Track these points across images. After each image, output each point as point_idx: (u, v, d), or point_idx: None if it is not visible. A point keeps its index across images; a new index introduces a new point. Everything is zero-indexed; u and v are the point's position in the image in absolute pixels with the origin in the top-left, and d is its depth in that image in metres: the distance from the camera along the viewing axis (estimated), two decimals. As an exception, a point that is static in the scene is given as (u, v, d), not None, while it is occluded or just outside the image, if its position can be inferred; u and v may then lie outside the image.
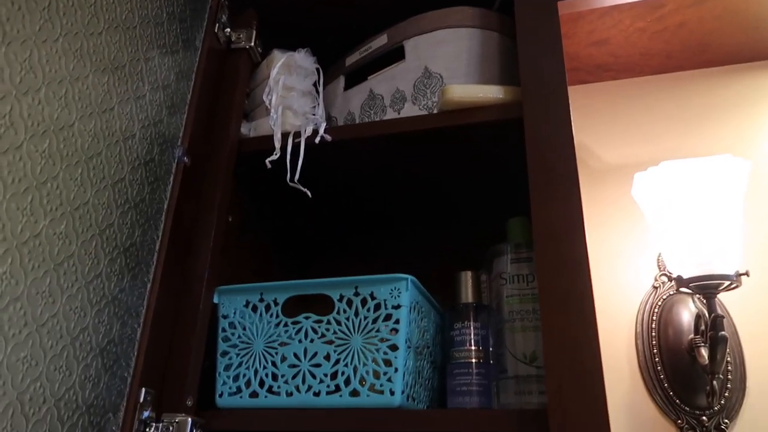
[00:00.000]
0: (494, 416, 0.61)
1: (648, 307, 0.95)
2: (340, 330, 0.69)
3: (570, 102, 0.69)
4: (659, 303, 0.94)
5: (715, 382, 0.81)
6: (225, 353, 0.73)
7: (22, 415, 0.46)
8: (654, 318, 0.93)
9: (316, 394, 0.67)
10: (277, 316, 0.72)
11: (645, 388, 0.91)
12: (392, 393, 0.65)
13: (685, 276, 0.79)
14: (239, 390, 0.71)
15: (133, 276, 0.62)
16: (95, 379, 0.55)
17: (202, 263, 0.75)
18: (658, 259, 0.97)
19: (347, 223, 1.07)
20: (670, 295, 0.94)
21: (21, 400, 0.46)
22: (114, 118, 0.59)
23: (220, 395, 0.71)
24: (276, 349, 0.71)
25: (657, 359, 0.91)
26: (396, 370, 0.65)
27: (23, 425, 0.46)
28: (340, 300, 0.70)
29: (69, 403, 0.51)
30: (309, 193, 0.81)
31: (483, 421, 0.61)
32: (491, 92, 0.75)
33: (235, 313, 0.74)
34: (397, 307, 0.68)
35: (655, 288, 0.96)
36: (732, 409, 0.86)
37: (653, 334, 0.93)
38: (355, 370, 0.67)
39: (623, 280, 0.98)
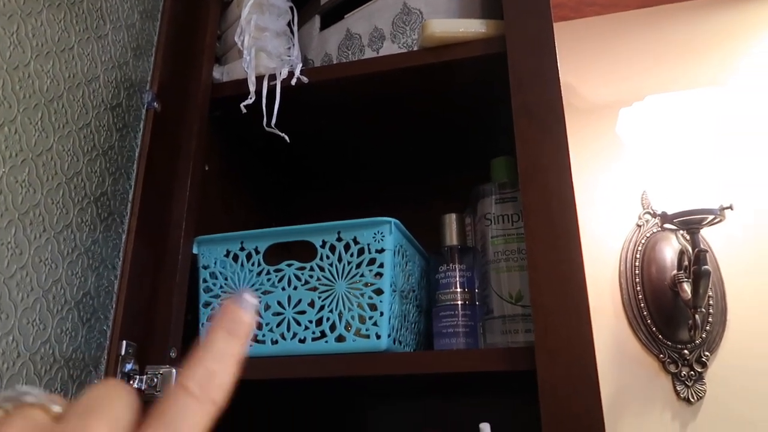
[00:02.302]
0: (482, 355, 0.61)
1: (631, 245, 0.95)
2: (323, 276, 0.68)
3: (554, 36, 0.67)
4: (642, 241, 0.94)
5: (697, 316, 0.82)
6: (207, 304, 0.72)
7: (-4, 369, 0.44)
8: (637, 256, 0.94)
9: (302, 341, 0.67)
10: (259, 265, 0.71)
11: (628, 325, 0.92)
12: (378, 337, 0.64)
13: (670, 212, 0.78)
14: (223, 339, 0.70)
15: (107, 227, 0.60)
16: (72, 332, 0.54)
17: (179, 213, 0.72)
18: (642, 198, 0.97)
19: (328, 170, 1.04)
20: (654, 233, 0.94)
21: (-7, 355, 0.44)
22: (74, 58, 0.55)
23: (205, 345, 0.70)
24: (259, 297, 0.70)
25: (640, 296, 0.91)
26: (381, 314, 0.65)
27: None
28: (323, 246, 0.69)
29: (45, 356, 0.50)
30: (287, 138, 0.78)
31: (471, 361, 0.61)
32: (473, 26, 0.72)
33: (215, 263, 0.72)
34: (381, 251, 0.67)
35: (639, 226, 0.96)
36: (713, 342, 0.87)
37: (636, 272, 0.93)
38: (340, 315, 0.66)
39: (607, 219, 0.98)
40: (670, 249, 0.92)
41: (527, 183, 0.62)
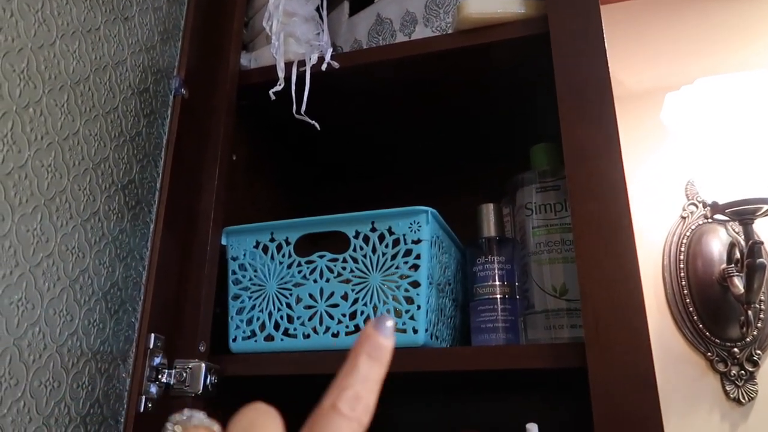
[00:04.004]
0: (526, 351, 0.58)
1: (676, 238, 0.90)
2: (357, 268, 0.65)
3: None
4: (687, 233, 0.90)
5: (750, 312, 0.77)
6: (237, 296, 0.69)
7: (21, 362, 0.42)
8: (682, 249, 0.89)
9: (335, 335, 0.64)
10: (290, 256, 0.68)
11: (673, 322, 0.87)
12: (415, 331, 0.61)
13: (721, 201, 0.74)
14: (253, 334, 0.67)
15: (134, 216, 0.58)
16: (100, 324, 0.52)
17: (207, 202, 0.70)
18: (687, 188, 0.92)
19: (357, 161, 1.01)
20: (699, 225, 0.89)
21: (18, 345, 0.42)
22: (100, 39, 0.53)
23: (234, 340, 0.68)
24: (290, 290, 0.67)
25: (685, 291, 0.87)
26: (419, 307, 0.62)
27: (23, 372, 0.42)
28: (356, 236, 0.66)
29: (73, 349, 0.48)
30: (317, 126, 0.75)
31: (514, 357, 0.58)
32: (512, 6, 0.69)
33: (245, 254, 0.70)
34: (418, 241, 0.63)
35: (683, 218, 0.91)
36: (765, 340, 0.82)
37: (681, 266, 0.88)
38: (375, 309, 0.63)
39: (649, 211, 0.93)
40: (717, 242, 0.87)
41: (574, 169, 0.59)
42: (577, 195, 0.58)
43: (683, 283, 0.88)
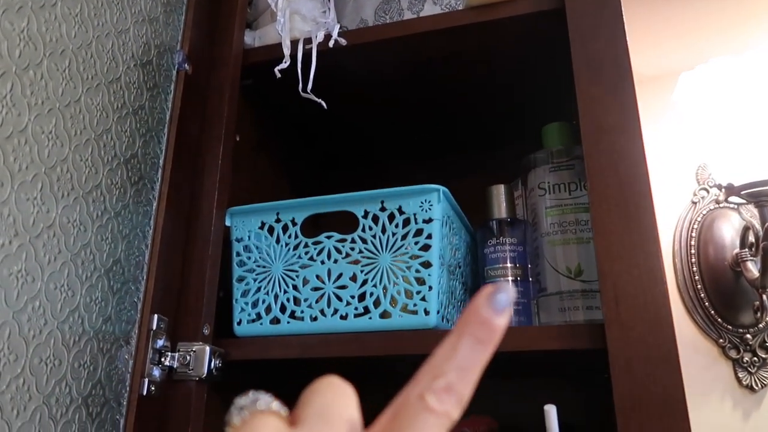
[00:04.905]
0: (541, 332, 0.56)
1: (686, 223, 0.89)
2: (366, 248, 0.63)
3: None
4: (698, 219, 0.88)
5: (764, 297, 0.76)
6: (241, 279, 0.67)
7: (21, 337, 0.40)
8: (693, 234, 0.88)
9: (344, 318, 0.62)
10: (296, 237, 0.66)
11: (684, 308, 0.86)
12: (427, 313, 0.59)
13: (737, 183, 0.73)
14: (259, 317, 0.65)
15: (137, 192, 0.56)
16: (102, 302, 0.49)
17: (211, 182, 0.68)
18: (698, 173, 0.90)
19: (365, 139, 0.99)
20: (711, 210, 0.88)
21: (18, 319, 0.40)
22: (102, 5, 0.51)
23: (239, 323, 0.66)
24: (297, 271, 0.65)
25: (697, 277, 0.86)
26: (430, 288, 0.60)
27: (23, 348, 0.40)
28: (365, 216, 0.64)
29: (74, 326, 0.45)
30: (324, 104, 0.73)
31: (530, 339, 0.56)
32: (526, -20, 0.67)
33: (249, 236, 0.68)
34: (429, 221, 0.62)
35: (694, 203, 0.89)
36: (778, 326, 0.81)
37: (692, 251, 0.87)
38: (384, 290, 0.61)
39: (658, 196, 0.91)
40: (729, 227, 0.86)
41: (592, 145, 0.57)
42: (595, 171, 0.56)
43: (694, 269, 0.86)
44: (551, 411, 0.51)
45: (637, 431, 0.49)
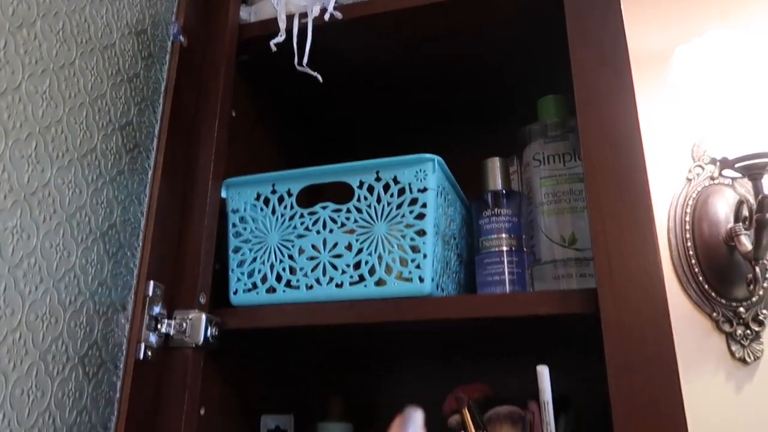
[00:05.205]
0: (535, 298, 0.57)
1: (681, 200, 0.89)
2: (361, 218, 0.63)
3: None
4: (693, 195, 0.88)
5: (757, 269, 0.76)
6: (237, 249, 0.68)
7: (17, 292, 0.40)
8: (687, 211, 0.88)
9: (339, 286, 0.63)
10: (292, 208, 0.66)
11: (678, 283, 0.86)
12: (422, 280, 0.60)
13: (731, 156, 0.73)
14: (255, 286, 0.66)
15: (132, 159, 0.56)
16: (98, 265, 0.50)
17: (206, 156, 0.68)
18: (693, 150, 0.91)
19: (360, 115, 0.99)
20: (705, 186, 0.88)
21: (14, 275, 0.40)
22: (96, -31, 0.51)
23: (235, 293, 0.66)
24: (292, 241, 0.66)
25: (691, 253, 0.86)
26: (425, 256, 0.60)
27: (19, 303, 0.40)
28: (360, 187, 0.64)
29: (70, 286, 0.46)
30: (319, 77, 0.73)
31: (523, 304, 0.56)
32: (521, -49, 0.67)
33: (245, 207, 0.68)
34: (424, 190, 0.62)
35: (689, 180, 0.90)
36: (771, 300, 0.81)
37: (687, 227, 0.87)
38: (380, 258, 0.62)
39: (653, 174, 0.92)
40: (723, 203, 0.86)
41: (585, 113, 0.57)
42: (589, 139, 0.56)
43: (689, 244, 0.87)
44: (543, 371, 0.52)
45: (629, 394, 0.49)
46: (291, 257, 0.65)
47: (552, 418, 0.52)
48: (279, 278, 0.65)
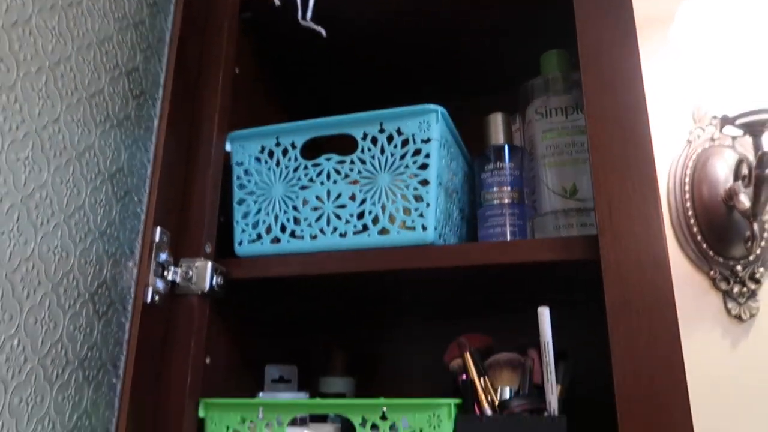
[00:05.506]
0: (538, 244, 0.57)
1: (681, 161, 0.89)
2: (365, 169, 0.64)
3: None
4: (693, 156, 0.89)
5: (755, 225, 0.77)
6: (242, 201, 0.68)
7: (29, 222, 0.41)
8: (687, 172, 0.89)
9: (343, 235, 0.63)
10: (296, 160, 0.67)
11: (677, 244, 0.87)
12: (425, 228, 0.61)
13: (732, 114, 0.73)
14: (259, 237, 0.67)
15: (138, 105, 0.56)
16: (106, 205, 0.51)
17: (211, 108, 0.69)
18: (694, 113, 0.91)
19: (365, 74, 0.98)
20: (706, 148, 0.89)
21: (27, 204, 0.41)
22: None
23: (240, 243, 0.67)
24: (296, 193, 0.66)
25: (690, 213, 0.87)
26: (428, 205, 0.61)
27: (32, 233, 0.41)
28: (364, 138, 0.65)
29: (80, 224, 0.47)
30: (323, 32, 0.73)
31: (524, 251, 0.57)
32: None
33: (249, 159, 0.69)
34: (427, 141, 0.63)
35: (689, 142, 0.90)
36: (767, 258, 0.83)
37: (686, 188, 0.88)
38: (383, 208, 0.63)
39: (653, 136, 0.92)
40: (723, 164, 0.87)
41: (588, 64, 0.58)
42: (592, 89, 0.57)
43: (687, 205, 0.87)
44: (544, 312, 0.53)
45: (627, 336, 0.50)
46: (295, 208, 0.66)
47: (552, 358, 0.53)
48: (283, 229, 0.66)
